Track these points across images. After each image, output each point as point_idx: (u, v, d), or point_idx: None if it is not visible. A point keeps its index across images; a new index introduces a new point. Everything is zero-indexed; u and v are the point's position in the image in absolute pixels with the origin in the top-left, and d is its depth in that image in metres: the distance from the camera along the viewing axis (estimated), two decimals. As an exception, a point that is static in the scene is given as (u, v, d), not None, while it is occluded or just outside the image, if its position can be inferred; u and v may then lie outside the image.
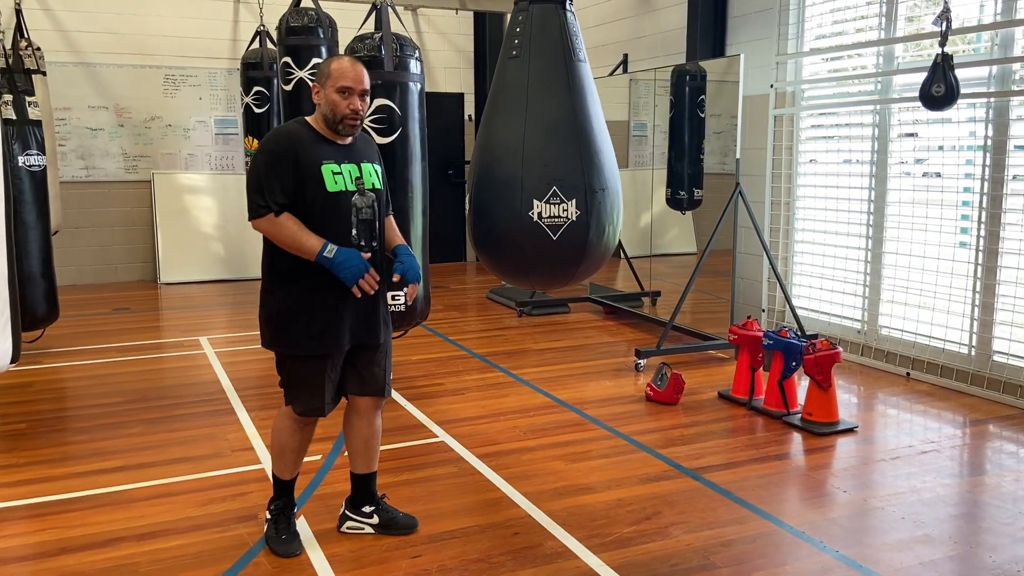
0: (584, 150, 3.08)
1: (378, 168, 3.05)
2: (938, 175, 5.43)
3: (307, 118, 2.96)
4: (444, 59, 10.44)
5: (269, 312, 2.95)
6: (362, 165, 2.95)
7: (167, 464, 3.93)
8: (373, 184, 2.98)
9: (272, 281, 2.94)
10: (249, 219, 2.84)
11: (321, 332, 2.90)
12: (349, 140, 2.96)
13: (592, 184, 3.06)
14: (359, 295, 2.85)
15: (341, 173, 2.88)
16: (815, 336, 5.76)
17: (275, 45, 7.61)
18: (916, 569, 2.96)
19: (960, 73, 4.58)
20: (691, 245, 7.47)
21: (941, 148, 5.36)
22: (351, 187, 2.89)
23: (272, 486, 3.16)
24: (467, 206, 3.34)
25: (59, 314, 5.87)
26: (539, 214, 3.04)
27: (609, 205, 3.11)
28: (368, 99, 2.96)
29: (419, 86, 4.59)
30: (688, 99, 6.98)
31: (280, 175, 2.80)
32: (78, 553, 3.07)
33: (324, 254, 2.78)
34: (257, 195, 2.80)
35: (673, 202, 7.10)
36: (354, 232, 2.90)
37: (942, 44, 4.29)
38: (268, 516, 3.13)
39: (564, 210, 3.04)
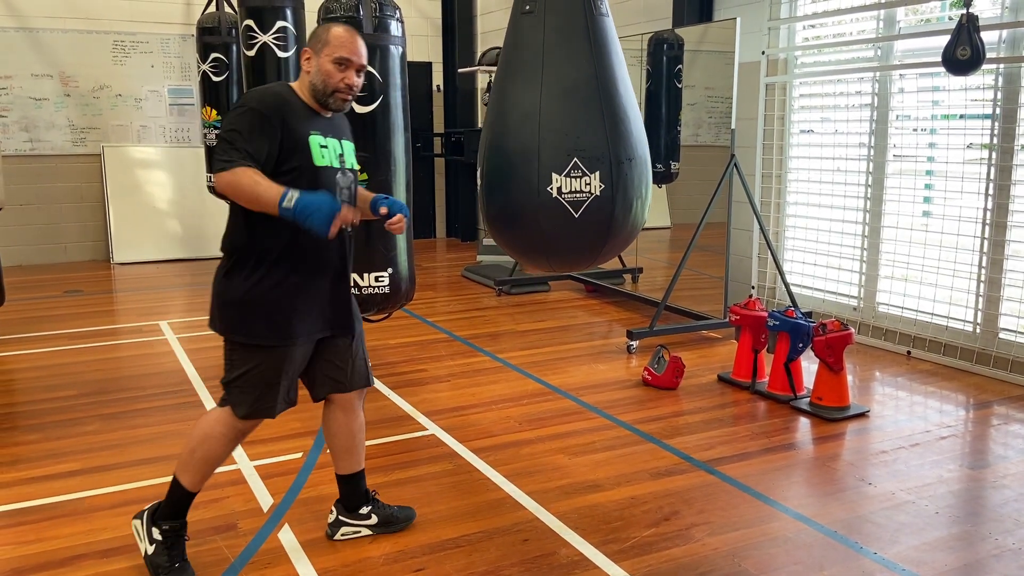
0: (609, 116, 2.74)
1: (353, 147, 2.82)
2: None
3: (291, 84, 2.66)
4: (410, 26, 9.93)
5: (226, 297, 2.58)
6: (343, 142, 2.73)
7: (130, 466, 3.56)
8: (352, 164, 2.75)
9: (235, 264, 2.56)
10: (213, 175, 2.42)
11: (287, 321, 2.57)
12: (331, 114, 2.68)
13: (618, 154, 2.72)
14: (334, 236, 2.37)
15: (327, 147, 2.62)
16: (809, 314, 5.55)
17: (233, 8, 7.15)
18: (963, 571, 2.74)
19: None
20: (665, 219, 7.24)
21: (936, 117, 5.15)
22: (335, 163, 2.64)
23: (169, 496, 2.67)
24: (478, 180, 3.00)
25: (4, 298, 5.42)
26: (559, 189, 2.70)
27: (637, 177, 2.78)
28: (363, 76, 2.67)
29: (400, 49, 4.23)
30: (665, 69, 6.73)
31: (265, 137, 2.44)
32: (33, 575, 2.70)
33: (284, 205, 2.31)
34: (229, 151, 2.39)
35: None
36: None
37: (967, 4, 4.03)
38: (156, 536, 2.64)
39: (587, 184, 2.70)
